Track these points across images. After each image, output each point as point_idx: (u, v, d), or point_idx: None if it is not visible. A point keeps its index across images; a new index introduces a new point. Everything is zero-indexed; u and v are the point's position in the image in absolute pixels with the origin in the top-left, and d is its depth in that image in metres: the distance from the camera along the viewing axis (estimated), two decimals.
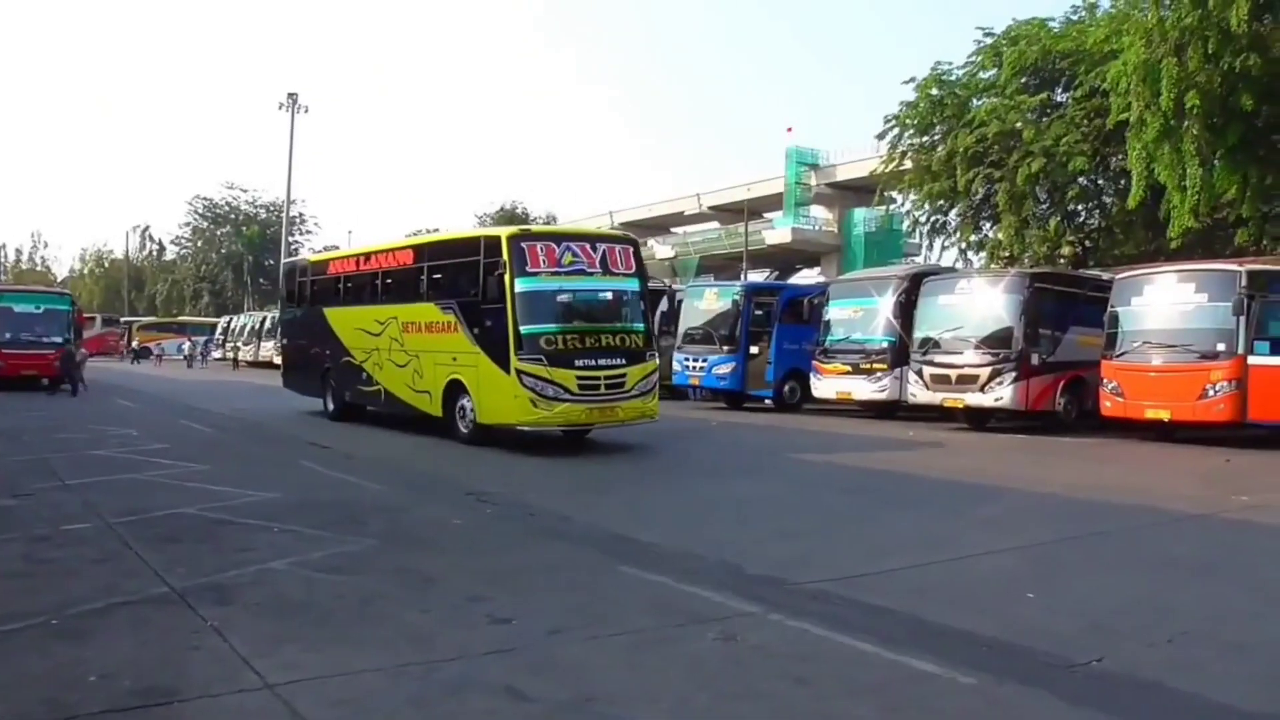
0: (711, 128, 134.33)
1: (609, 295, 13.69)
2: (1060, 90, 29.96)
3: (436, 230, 30.52)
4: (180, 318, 68.78)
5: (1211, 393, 14.56)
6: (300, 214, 74.52)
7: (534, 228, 14.43)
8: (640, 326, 13.65)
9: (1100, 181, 30.32)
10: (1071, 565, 7.28)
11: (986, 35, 31.30)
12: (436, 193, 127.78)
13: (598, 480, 11.85)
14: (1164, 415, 15.17)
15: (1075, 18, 29.94)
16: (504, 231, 13.39)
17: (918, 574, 6.94)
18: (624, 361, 13.12)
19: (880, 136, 34.05)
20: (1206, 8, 20.27)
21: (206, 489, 9.91)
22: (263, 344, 43.77)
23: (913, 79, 32.13)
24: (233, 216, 78.90)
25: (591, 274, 13.33)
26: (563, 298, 13.17)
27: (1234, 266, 15.66)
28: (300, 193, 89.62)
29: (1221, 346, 14.63)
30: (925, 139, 32.43)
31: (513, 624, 5.55)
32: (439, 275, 15.09)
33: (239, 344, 47.25)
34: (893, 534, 8.42)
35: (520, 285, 12.63)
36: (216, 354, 50.99)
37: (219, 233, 79.87)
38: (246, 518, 8.45)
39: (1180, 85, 21.12)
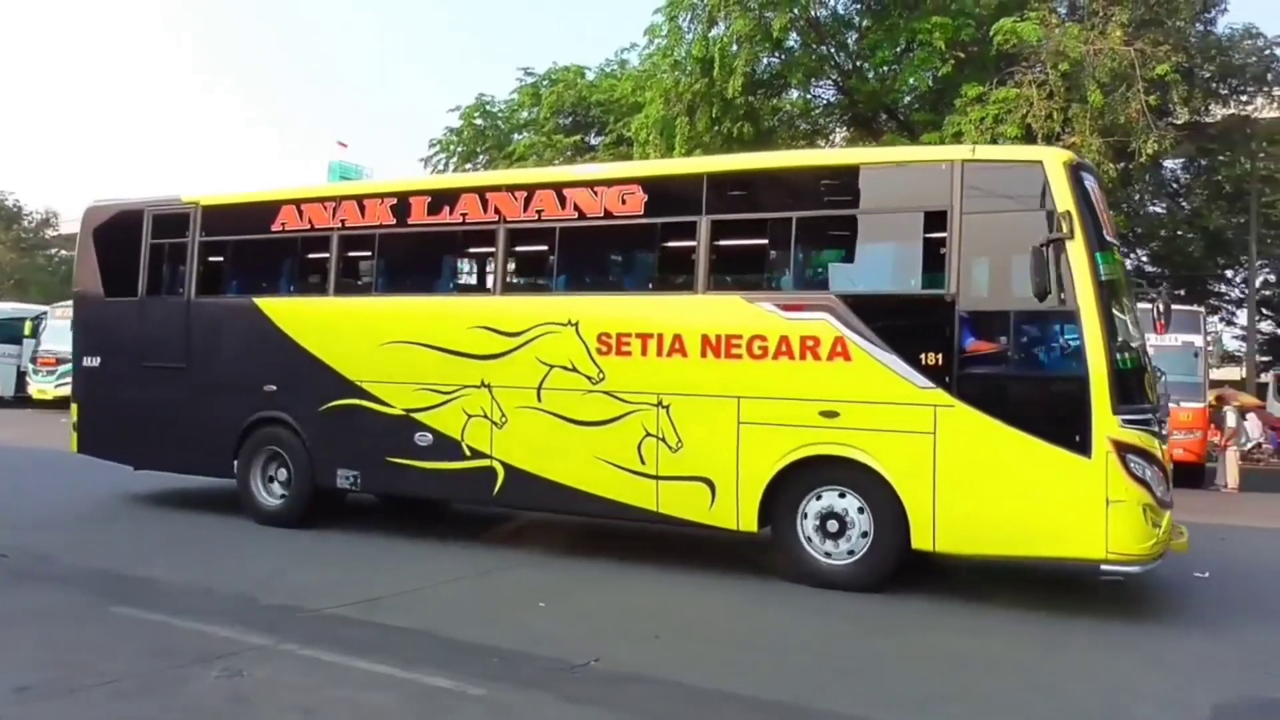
0: (261, 131, 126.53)
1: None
2: (594, 134, 32.64)
3: None
4: None
5: None
6: None
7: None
8: None
9: None
10: (582, 578, 7.82)
11: (528, 75, 33.22)
12: None
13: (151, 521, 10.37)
14: None
15: (609, 69, 32.88)
16: (1052, 155, 6.92)
17: (439, 591, 7.11)
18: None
19: (425, 161, 34.65)
20: (712, 76, 23.37)
21: None
22: None
23: (458, 107, 33.14)
24: None
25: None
26: (1129, 298, 7.60)
27: None
28: None
29: None
30: (469, 166, 33.50)
31: None
32: (762, 242, 8.14)
33: None
34: (412, 558, 8.41)
35: (1107, 269, 6.76)
36: None
37: None
38: None
39: (691, 143, 24.08)
